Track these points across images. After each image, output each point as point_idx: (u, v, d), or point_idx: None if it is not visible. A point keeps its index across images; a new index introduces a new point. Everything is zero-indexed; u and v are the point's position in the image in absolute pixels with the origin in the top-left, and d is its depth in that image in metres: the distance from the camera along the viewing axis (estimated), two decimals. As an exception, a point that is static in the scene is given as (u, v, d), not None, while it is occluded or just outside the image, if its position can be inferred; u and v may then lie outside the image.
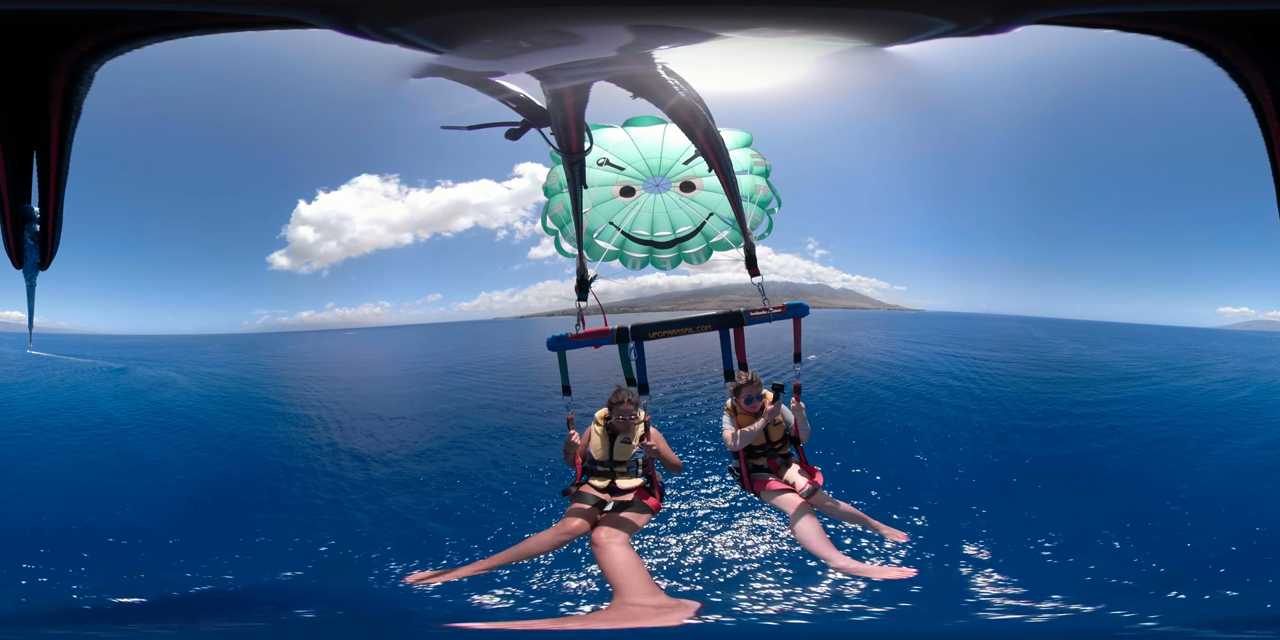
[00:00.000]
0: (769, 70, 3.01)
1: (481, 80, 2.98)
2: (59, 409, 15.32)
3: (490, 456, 11.18)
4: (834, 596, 5.45)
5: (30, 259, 2.69)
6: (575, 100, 2.96)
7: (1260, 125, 2.53)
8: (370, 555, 6.90)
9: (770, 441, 4.57)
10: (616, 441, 4.32)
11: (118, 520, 7.89)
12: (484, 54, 2.58)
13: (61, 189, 2.54)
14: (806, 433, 4.64)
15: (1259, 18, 2.34)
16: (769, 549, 7.03)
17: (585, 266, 4.54)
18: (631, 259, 5.14)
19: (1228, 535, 6.87)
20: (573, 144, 3.26)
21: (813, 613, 5.37)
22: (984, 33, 2.43)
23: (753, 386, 4.50)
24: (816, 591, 5.71)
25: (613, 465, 4.32)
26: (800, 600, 5.68)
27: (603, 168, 4.84)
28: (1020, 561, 6.45)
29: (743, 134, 4.88)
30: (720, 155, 3.68)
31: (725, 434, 4.55)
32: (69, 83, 2.28)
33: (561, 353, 4.48)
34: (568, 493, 4.36)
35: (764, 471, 4.58)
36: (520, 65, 2.72)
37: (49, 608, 5.71)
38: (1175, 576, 5.88)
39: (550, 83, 2.83)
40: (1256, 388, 16.97)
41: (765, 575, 6.43)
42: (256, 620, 5.51)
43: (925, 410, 13.97)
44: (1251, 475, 9.32)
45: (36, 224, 2.60)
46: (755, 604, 5.80)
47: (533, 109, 3.14)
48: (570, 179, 3.80)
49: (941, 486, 9.02)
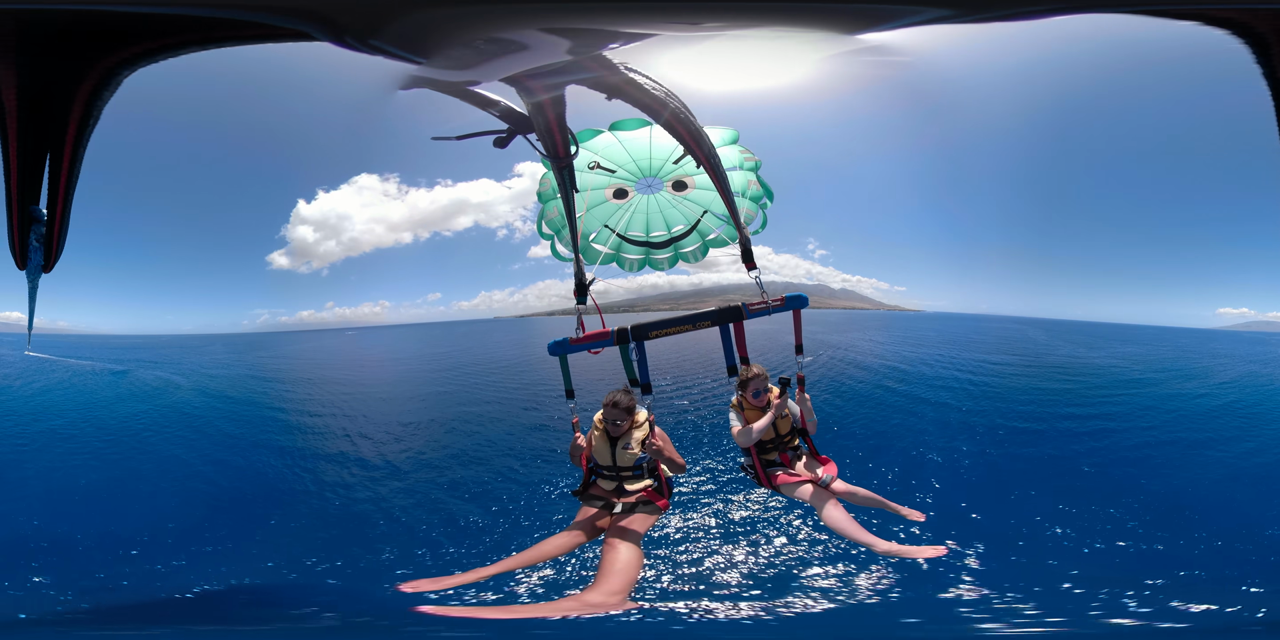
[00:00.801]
0: (765, 68, 3.01)
1: (464, 91, 3.04)
2: (55, 412, 15.02)
3: (504, 461, 11.19)
4: (855, 590, 5.51)
5: (34, 261, 2.70)
6: (554, 105, 3.02)
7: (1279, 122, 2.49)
8: (388, 559, 6.91)
9: (779, 435, 4.60)
10: (618, 447, 4.31)
11: (100, 529, 7.70)
12: (456, 63, 2.61)
13: (71, 193, 2.57)
14: (814, 424, 4.68)
15: None
16: (787, 543, 7.07)
17: (583, 270, 4.56)
18: (628, 261, 5.18)
19: (1200, 542, 6.93)
20: (559, 149, 3.33)
21: (839, 605, 5.42)
22: (990, 21, 2.41)
23: (759, 379, 4.49)
24: (850, 583, 5.76)
25: (618, 470, 4.33)
26: (835, 593, 5.73)
27: (594, 171, 4.89)
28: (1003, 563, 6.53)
29: (729, 131, 4.91)
30: (705, 149, 3.71)
31: (734, 430, 4.52)
32: (95, 88, 2.31)
33: (563, 357, 4.50)
34: (577, 494, 4.42)
35: (777, 465, 4.61)
36: (491, 73, 2.75)
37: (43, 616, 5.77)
38: (1140, 583, 5.93)
39: (524, 90, 2.88)
40: (1246, 390, 16.92)
41: (791, 570, 6.48)
42: (269, 621, 5.58)
43: (908, 411, 14.08)
44: (1233, 482, 9.28)
45: (43, 226, 2.62)
46: (780, 600, 5.84)
47: (516, 116, 3.19)
48: (560, 183, 3.86)
49: (941, 484, 9.09)
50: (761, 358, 4.84)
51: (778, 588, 5.92)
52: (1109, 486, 8.99)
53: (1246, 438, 11.77)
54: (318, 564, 6.78)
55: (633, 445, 4.28)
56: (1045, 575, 6.11)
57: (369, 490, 9.54)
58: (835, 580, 5.51)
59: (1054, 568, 6.30)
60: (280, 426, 13.89)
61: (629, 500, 4.25)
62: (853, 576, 5.35)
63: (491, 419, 14.27)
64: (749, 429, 4.42)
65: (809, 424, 4.66)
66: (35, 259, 2.69)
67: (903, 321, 54.90)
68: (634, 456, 4.28)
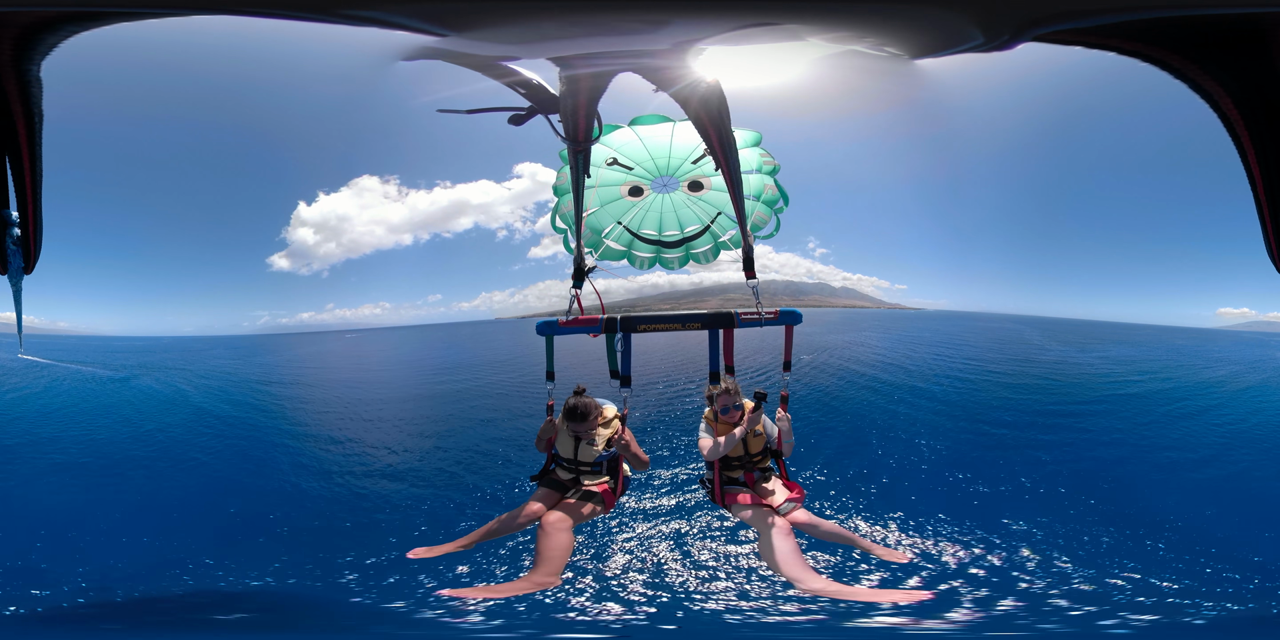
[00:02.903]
0: (782, 70, 2.93)
1: (487, 64, 2.82)
2: (47, 426, 14.11)
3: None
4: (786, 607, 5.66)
5: (15, 264, 2.67)
6: (591, 88, 2.82)
7: (1230, 134, 2.46)
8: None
9: (749, 453, 4.26)
10: (582, 443, 4.26)
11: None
12: (497, 38, 2.44)
13: (38, 193, 2.50)
14: (790, 446, 4.34)
15: (1199, 27, 2.26)
16: (724, 557, 7.18)
17: (583, 256, 4.46)
18: (639, 259, 5.10)
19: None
20: (580, 132, 3.13)
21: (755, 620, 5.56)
22: (994, 49, 2.37)
23: (729, 396, 4.17)
24: (772, 603, 5.89)
25: (577, 464, 4.31)
26: (746, 608, 5.87)
27: (611, 168, 4.78)
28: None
29: (752, 133, 4.83)
30: (730, 156, 3.54)
31: (702, 443, 4.24)
32: (21, 87, 2.24)
33: (549, 338, 4.42)
34: (535, 479, 4.45)
35: (738, 485, 4.29)
36: (542, 51, 2.59)
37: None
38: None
39: (571, 69, 2.68)
40: (1221, 398, 16.63)
41: (717, 578, 6.61)
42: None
43: (881, 408, 14.16)
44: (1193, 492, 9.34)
45: (17, 229, 2.59)
46: (698, 603, 6.01)
47: (542, 95, 2.99)
48: (574, 168, 3.73)
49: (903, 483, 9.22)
50: (752, 359, 4.79)
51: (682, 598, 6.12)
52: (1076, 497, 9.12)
53: (1202, 446, 11.82)
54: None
55: (598, 443, 4.22)
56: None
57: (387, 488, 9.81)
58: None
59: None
60: (298, 439, 13.48)
61: (583, 488, 4.28)
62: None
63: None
64: (716, 443, 4.15)
65: (785, 446, 4.34)
66: (15, 262, 2.66)
67: (902, 322, 54.79)
68: (596, 453, 4.23)
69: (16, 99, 2.27)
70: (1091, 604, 6.10)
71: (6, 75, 2.20)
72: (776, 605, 5.91)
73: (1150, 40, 2.28)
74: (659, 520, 8.24)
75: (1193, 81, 2.37)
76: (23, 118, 2.31)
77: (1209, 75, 2.34)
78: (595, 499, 4.21)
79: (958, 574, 6.75)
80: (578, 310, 4.46)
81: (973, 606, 5.97)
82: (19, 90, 2.25)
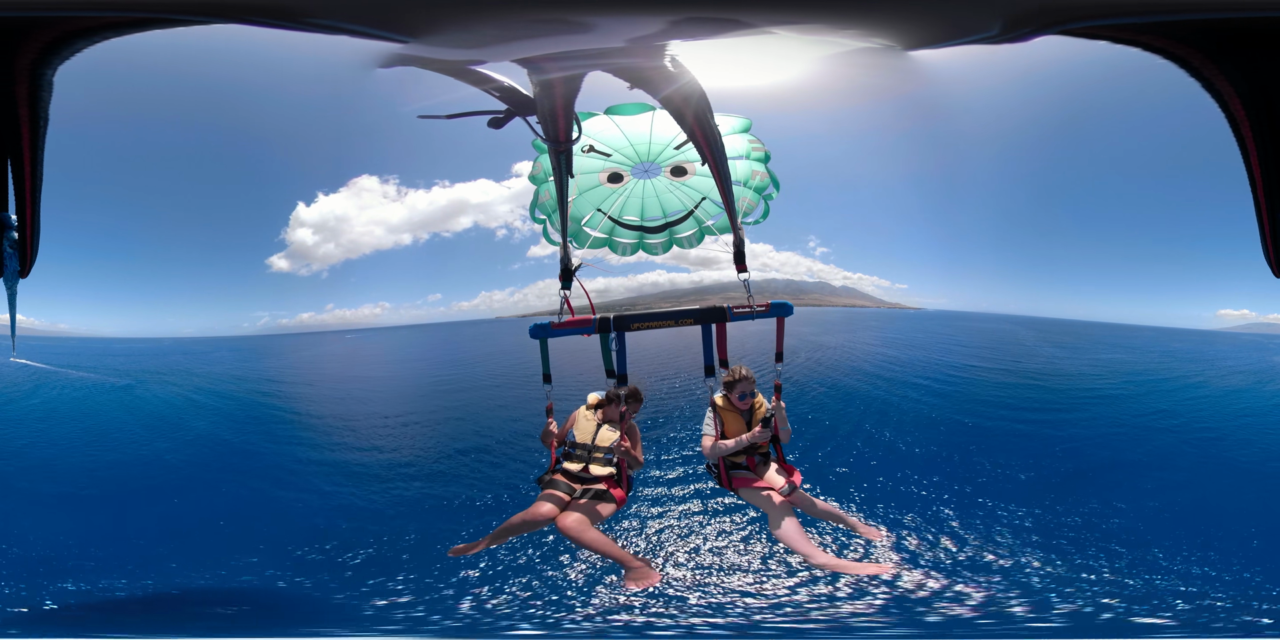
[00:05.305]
0: (777, 67, 2.93)
1: (458, 69, 2.83)
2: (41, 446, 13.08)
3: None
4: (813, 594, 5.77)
5: (10, 267, 2.69)
6: (566, 89, 2.84)
7: (1235, 135, 2.53)
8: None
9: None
10: (601, 429, 4.44)
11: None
12: (459, 43, 2.45)
13: (37, 196, 2.53)
14: (787, 433, 4.59)
15: (1223, 28, 2.33)
16: (739, 543, 7.31)
17: (569, 256, 4.50)
18: (621, 245, 5.04)
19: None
20: (560, 133, 3.15)
21: (783, 607, 5.67)
22: (1007, 42, 2.41)
23: (747, 382, 4.39)
24: (791, 586, 6.01)
25: (591, 449, 4.45)
26: (772, 594, 5.99)
27: (588, 155, 4.72)
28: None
29: (741, 120, 4.76)
30: (715, 149, 3.52)
31: (705, 441, 4.46)
32: (31, 90, 2.28)
33: (543, 341, 4.46)
34: (541, 481, 4.52)
35: (742, 469, 4.55)
36: (508, 53, 2.61)
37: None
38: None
39: (541, 73, 2.70)
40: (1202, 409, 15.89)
41: (734, 568, 6.73)
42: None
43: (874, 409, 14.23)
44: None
45: (15, 232, 2.61)
46: (724, 596, 6.14)
47: (518, 97, 3.01)
48: (556, 168, 3.72)
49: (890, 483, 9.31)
50: (747, 360, 4.79)
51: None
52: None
53: (1176, 457, 11.46)
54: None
55: (617, 429, 4.44)
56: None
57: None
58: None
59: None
60: (314, 449, 13.19)
61: (591, 487, 4.40)
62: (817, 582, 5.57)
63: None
64: (719, 445, 4.40)
65: (782, 433, 4.57)
66: (11, 265, 2.67)
67: (900, 321, 54.73)
68: (613, 439, 4.42)
69: (25, 103, 2.30)
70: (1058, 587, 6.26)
71: (21, 80, 2.24)
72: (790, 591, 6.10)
73: (1177, 37, 2.33)
74: (670, 506, 8.39)
75: (1207, 81, 2.42)
76: (28, 121, 2.35)
77: (1224, 75, 2.39)
78: (606, 498, 4.38)
79: (929, 551, 6.93)
80: (569, 312, 4.50)
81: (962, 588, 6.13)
82: (29, 95, 2.29)
